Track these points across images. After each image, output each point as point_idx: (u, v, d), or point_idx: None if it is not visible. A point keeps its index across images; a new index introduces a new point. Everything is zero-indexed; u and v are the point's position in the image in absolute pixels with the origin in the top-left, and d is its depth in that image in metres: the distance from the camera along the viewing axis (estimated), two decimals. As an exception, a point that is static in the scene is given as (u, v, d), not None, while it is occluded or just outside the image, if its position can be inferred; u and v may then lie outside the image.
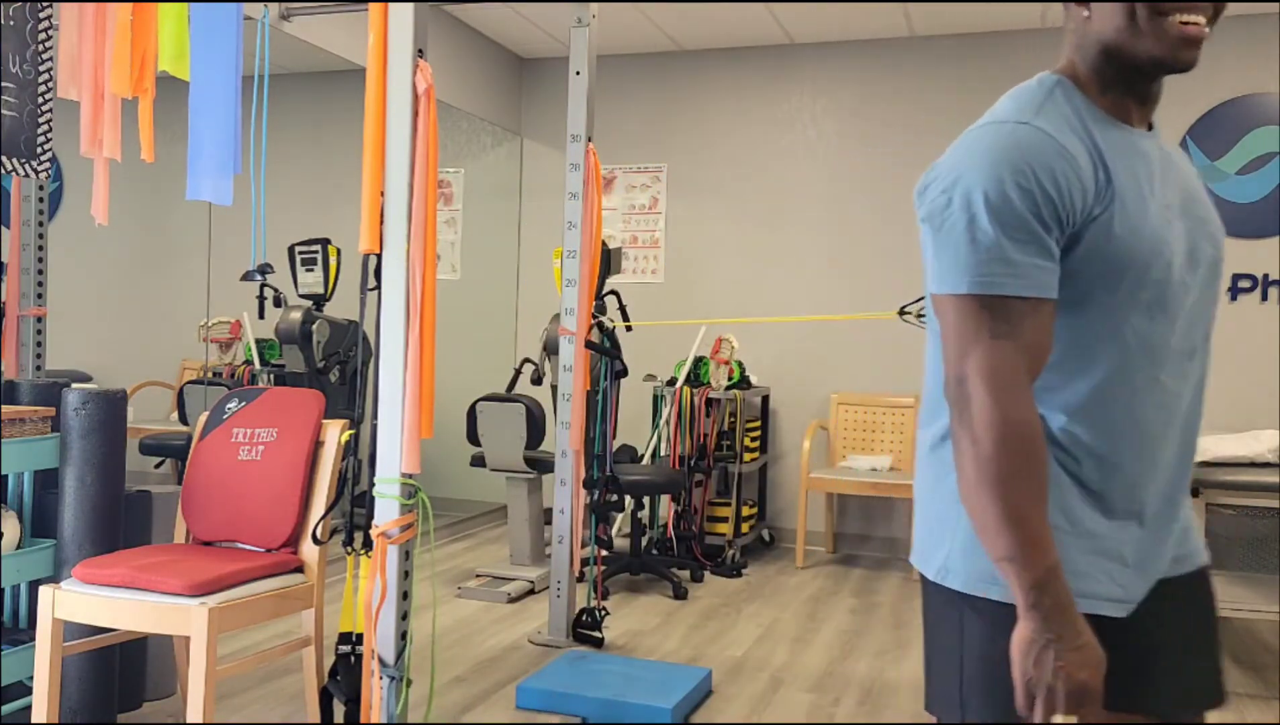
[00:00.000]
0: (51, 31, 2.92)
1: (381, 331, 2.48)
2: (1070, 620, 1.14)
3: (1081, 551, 1.24)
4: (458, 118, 5.99)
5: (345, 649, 2.53)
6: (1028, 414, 1.16)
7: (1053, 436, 1.25)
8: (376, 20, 2.46)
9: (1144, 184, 1.23)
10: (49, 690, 2.45)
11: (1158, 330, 1.23)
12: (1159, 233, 1.22)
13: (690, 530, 5.19)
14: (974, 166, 1.19)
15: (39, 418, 2.79)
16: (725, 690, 3.39)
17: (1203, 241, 1.29)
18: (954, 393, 1.19)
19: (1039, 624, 1.14)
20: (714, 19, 5.42)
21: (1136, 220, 1.20)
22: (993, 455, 1.15)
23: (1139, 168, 1.23)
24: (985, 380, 1.16)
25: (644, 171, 6.09)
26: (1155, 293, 1.21)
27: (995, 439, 1.15)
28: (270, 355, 5.09)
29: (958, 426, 1.19)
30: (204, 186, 2.75)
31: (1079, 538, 1.23)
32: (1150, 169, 1.25)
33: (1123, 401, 1.23)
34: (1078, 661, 1.13)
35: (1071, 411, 1.24)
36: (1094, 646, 1.15)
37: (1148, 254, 1.20)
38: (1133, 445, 1.24)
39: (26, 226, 3.66)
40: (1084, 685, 1.13)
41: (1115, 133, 1.25)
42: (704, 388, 5.24)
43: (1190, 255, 1.26)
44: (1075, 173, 1.18)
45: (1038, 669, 1.14)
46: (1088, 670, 1.13)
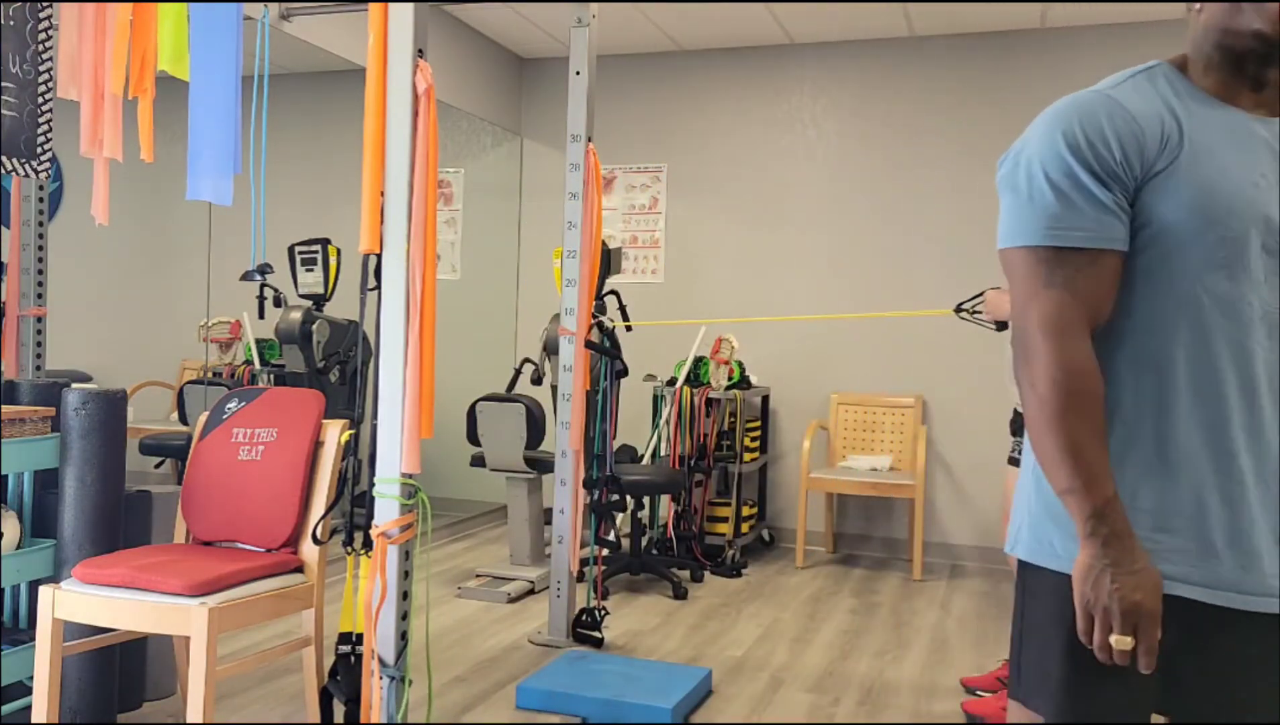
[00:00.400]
0: (51, 31, 2.92)
1: (381, 331, 2.48)
2: (1127, 547, 1.20)
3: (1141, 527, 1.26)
4: (458, 118, 5.99)
5: (345, 649, 2.53)
6: (1081, 357, 1.23)
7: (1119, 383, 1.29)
8: (376, 20, 2.46)
9: (1232, 154, 1.26)
10: (49, 690, 2.45)
11: (1238, 290, 1.24)
12: (1242, 195, 1.24)
13: (690, 530, 5.19)
14: (1037, 131, 1.30)
15: (39, 418, 2.79)
16: (725, 690, 3.39)
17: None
18: (1019, 343, 1.28)
19: (1097, 550, 1.20)
20: (714, 19, 5.42)
21: (1212, 179, 1.24)
22: (1048, 396, 1.23)
23: (1232, 140, 1.27)
24: (1042, 328, 1.24)
25: (644, 171, 6.09)
26: (1232, 251, 1.23)
27: (1050, 380, 1.23)
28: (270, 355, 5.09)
29: (1021, 373, 1.27)
30: (204, 186, 2.75)
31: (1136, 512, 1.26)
32: (1250, 144, 1.27)
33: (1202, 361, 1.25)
34: (1132, 584, 1.18)
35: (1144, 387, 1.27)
36: (1150, 572, 1.20)
37: (1222, 212, 1.23)
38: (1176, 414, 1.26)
39: (26, 226, 3.66)
40: (1138, 605, 1.18)
41: (1212, 110, 1.29)
42: (704, 388, 5.24)
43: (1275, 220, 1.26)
44: (1131, 129, 1.25)
45: (1095, 592, 1.20)
46: (1142, 592, 1.18)
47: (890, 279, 5.63)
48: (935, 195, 5.56)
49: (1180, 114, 1.28)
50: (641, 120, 6.11)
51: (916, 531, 5.17)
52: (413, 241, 2.44)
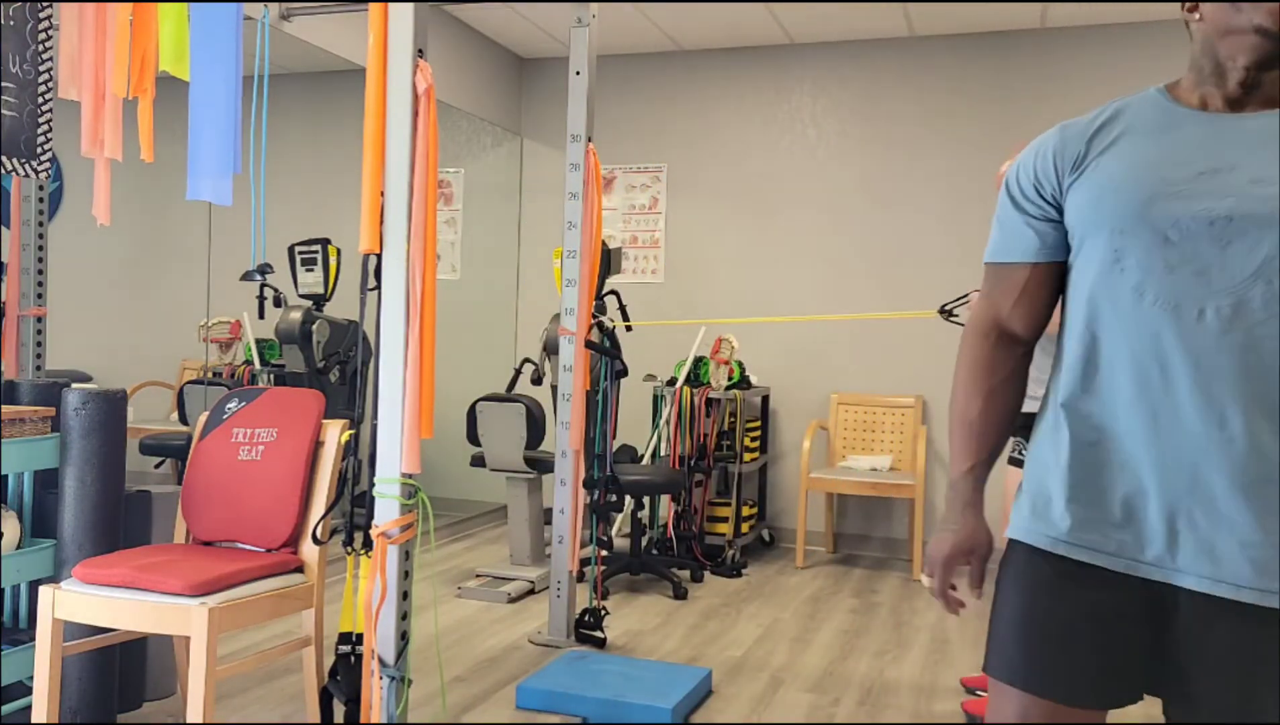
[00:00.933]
0: (51, 31, 2.92)
1: (381, 331, 2.48)
2: (954, 512, 1.46)
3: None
4: (458, 118, 5.99)
5: (345, 649, 2.53)
6: (976, 354, 1.47)
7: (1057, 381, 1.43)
8: (376, 20, 2.46)
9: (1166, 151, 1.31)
10: (49, 690, 2.45)
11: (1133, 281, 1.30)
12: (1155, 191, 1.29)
13: (690, 530, 5.19)
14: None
15: (39, 418, 2.79)
16: (725, 690, 3.39)
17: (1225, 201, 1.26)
18: None
19: (945, 513, 1.49)
20: (714, 19, 5.42)
21: (1122, 179, 1.32)
22: (953, 385, 1.51)
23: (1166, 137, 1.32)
24: (965, 329, 1.51)
25: (644, 171, 6.09)
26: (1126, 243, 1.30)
27: (956, 372, 1.50)
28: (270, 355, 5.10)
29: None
30: (204, 186, 2.75)
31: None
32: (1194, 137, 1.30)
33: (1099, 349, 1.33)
34: (937, 538, 1.48)
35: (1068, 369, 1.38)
36: (952, 533, 1.45)
37: (1122, 209, 1.30)
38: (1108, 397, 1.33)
39: (26, 226, 3.66)
40: (930, 554, 1.48)
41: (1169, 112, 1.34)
42: (704, 388, 5.24)
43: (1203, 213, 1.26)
44: (1057, 150, 1.39)
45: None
46: (936, 543, 1.47)
47: (890, 278, 5.63)
48: (935, 195, 5.56)
49: (1119, 126, 1.36)
50: (641, 120, 6.11)
51: (916, 531, 5.17)
52: (413, 241, 2.44)
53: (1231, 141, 1.28)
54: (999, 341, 1.46)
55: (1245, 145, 1.27)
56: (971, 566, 1.45)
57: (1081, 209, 1.34)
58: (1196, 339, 1.24)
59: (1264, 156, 1.26)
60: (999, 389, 1.46)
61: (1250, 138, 1.28)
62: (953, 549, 1.44)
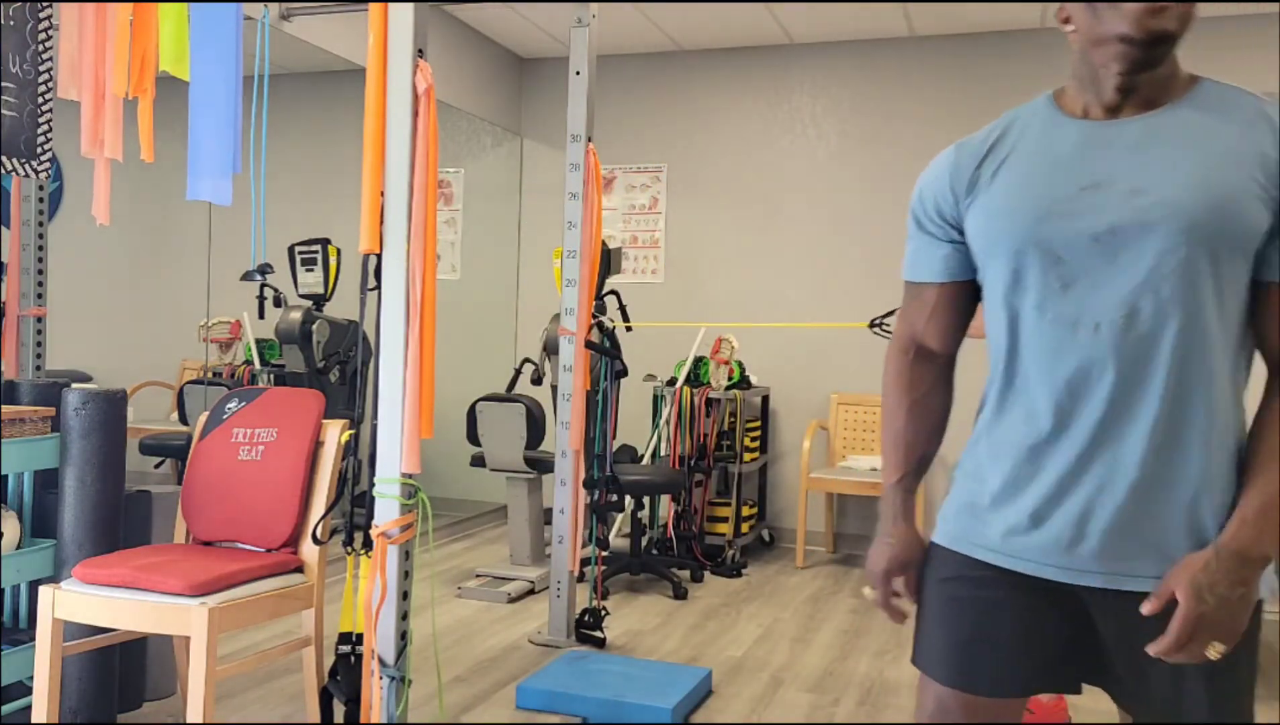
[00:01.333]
0: (51, 31, 2.92)
1: (381, 331, 2.48)
2: (887, 523, 1.51)
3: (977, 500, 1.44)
4: (458, 118, 5.99)
5: (345, 649, 2.53)
6: (896, 370, 1.52)
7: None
8: (376, 20, 2.46)
9: (1048, 171, 1.32)
10: (49, 690, 2.45)
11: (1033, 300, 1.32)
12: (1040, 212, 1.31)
13: (690, 530, 5.19)
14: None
15: (39, 418, 2.79)
16: (725, 690, 3.39)
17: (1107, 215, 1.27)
18: None
19: (879, 524, 1.52)
20: (714, 19, 5.42)
21: (1009, 202, 1.34)
22: (881, 401, 1.56)
23: (1058, 157, 1.32)
24: (889, 346, 1.56)
25: (644, 171, 6.09)
26: (1023, 264, 1.32)
27: (882, 388, 1.56)
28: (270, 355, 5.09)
29: None
30: (204, 186, 2.75)
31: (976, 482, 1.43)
32: (1075, 151, 1.31)
33: (1010, 367, 1.37)
34: (872, 551, 1.52)
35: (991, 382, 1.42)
36: (889, 546, 1.49)
37: (1014, 231, 1.32)
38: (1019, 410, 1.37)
39: (26, 226, 3.66)
40: (869, 567, 1.52)
41: (1053, 130, 1.35)
42: (704, 388, 5.24)
43: (1087, 228, 1.28)
44: (952, 174, 1.42)
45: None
46: (873, 556, 1.51)
47: (890, 278, 5.63)
48: (935, 195, 5.56)
49: (1007, 145, 1.38)
50: (641, 120, 6.11)
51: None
52: (413, 241, 2.44)
53: (1112, 150, 1.29)
54: (917, 357, 1.51)
55: (1124, 153, 1.29)
56: (908, 575, 1.49)
57: (978, 233, 1.37)
58: (1096, 351, 1.27)
59: (1141, 162, 1.27)
60: (921, 402, 1.51)
61: (1129, 144, 1.29)
62: (889, 562, 1.48)
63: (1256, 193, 1.23)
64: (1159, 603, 1.24)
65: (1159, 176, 1.26)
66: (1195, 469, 1.27)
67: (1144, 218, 1.25)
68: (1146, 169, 1.27)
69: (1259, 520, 1.23)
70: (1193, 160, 1.25)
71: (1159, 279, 1.24)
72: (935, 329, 1.49)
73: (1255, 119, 1.27)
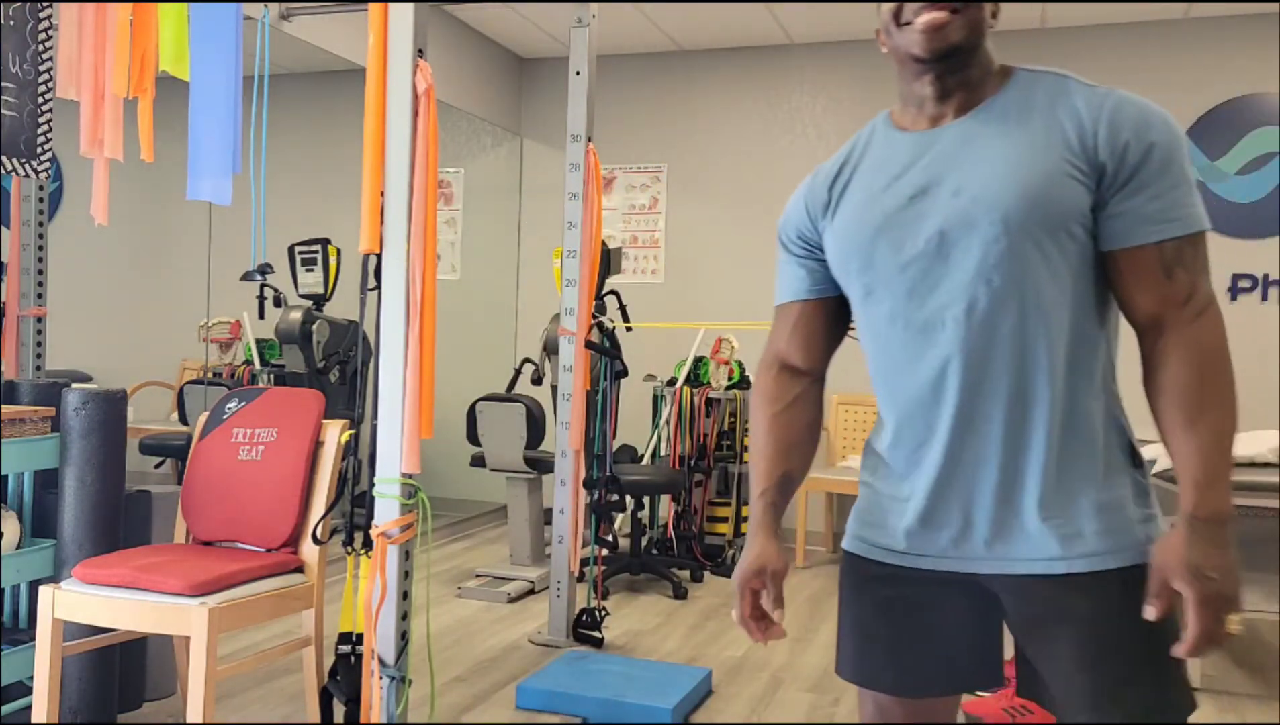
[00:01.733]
0: (51, 31, 2.92)
1: (381, 331, 2.48)
2: (751, 535, 1.49)
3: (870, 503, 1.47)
4: (458, 118, 5.99)
5: (345, 649, 2.53)
6: (762, 385, 1.54)
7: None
8: (376, 20, 2.46)
9: (880, 184, 1.38)
10: (49, 690, 2.45)
11: (886, 310, 1.37)
12: (878, 226, 1.36)
13: (690, 530, 5.19)
14: None
15: (39, 418, 2.79)
16: (725, 690, 3.39)
17: (935, 218, 1.31)
18: None
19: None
20: (714, 19, 5.42)
21: (847, 221, 1.40)
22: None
23: (888, 169, 1.38)
24: (757, 364, 1.58)
25: (644, 171, 6.09)
26: (872, 278, 1.37)
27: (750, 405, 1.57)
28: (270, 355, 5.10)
29: None
30: (204, 186, 2.75)
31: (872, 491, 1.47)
32: (906, 163, 1.36)
33: (877, 376, 1.41)
34: (739, 565, 1.48)
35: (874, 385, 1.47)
36: (749, 559, 1.46)
37: (859, 247, 1.38)
38: (889, 414, 1.40)
39: (26, 226, 3.66)
40: (734, 581, 1.49)
41: (885, 146, 1.40)
42: (704, 388, 5.24)
43: (920, 234, 1.33)
44: (805, 201, 1.48)
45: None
46: (737, 571, 1.47)
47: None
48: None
49: (851, 165, 1.43)
50: (641, 120, 6.11)
51: (916, 531, 5.16)
52: (413, 241, 2.44)
53: (936, 156, 1.34)
54: (780, 373, 1.54)
55: (946, 157, 1.33)
56: (768, 587, 1.46)
57: (832, 254, 1.42)
58: (948, 349, 1.31)
59: (960, 163, 1.32)
60: (782, 417, 1.52)
61: (949, 148, 1.33)
62: (744, 573, 1.46)
63: (1068, 171, 1.26)
64: (1162, 602, 1.23)
65: (975, 174, 1.30)
66: (1048, 446, 1.30)
67: (965, 216, 1.29)
68: (965, 168, 1.31)
69: (1211, 484, 1.23)
70: (1005, 152, 1.29)
71: (988, 270, 1.28)
72: (798, 345, 1.52)
73: (1057, 97, 1.30)
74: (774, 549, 1.46)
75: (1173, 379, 1.27)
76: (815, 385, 1.55)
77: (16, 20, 2.83)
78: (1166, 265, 1.27)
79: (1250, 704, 3.39)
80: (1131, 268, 1.29)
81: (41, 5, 2.89)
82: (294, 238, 5.06)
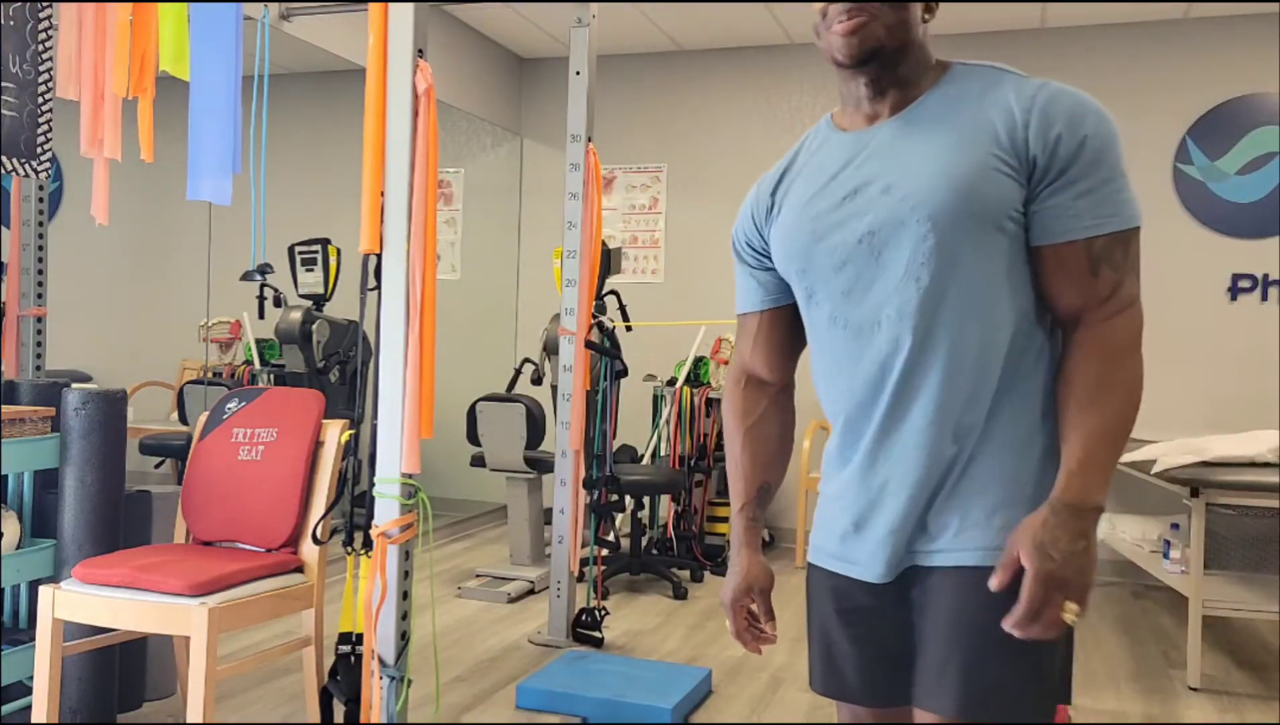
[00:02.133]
0: (51, 31, 2.92)
1: (381, 331, 2.48)
2: (733, 552, 1.50)
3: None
4: (458, 118, 5.99)
5: (345, 649, 2.53)
6: (732, 399, 1.54)
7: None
8: (376, 20, 2.46)
9: (822, 185, 1.37)
10: (49, 690, 2.45)
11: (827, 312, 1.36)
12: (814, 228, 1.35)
13: (690, 530, 5.19)
14: None
15: (39, 418, 2.79)
16: (725, 690, 3.39)
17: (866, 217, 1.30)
18: None
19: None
20: (714, 19, 5.42)
21: (786, 225, 1.39)
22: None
23: (824, 170, 1.37)
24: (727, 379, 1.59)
25: (644, 171, 6.09)
26: (811, 280, 1.37)
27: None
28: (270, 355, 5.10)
29: None
30: (204, 186, 2.75)
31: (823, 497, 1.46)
32: (842, 163, 1.35)
33: (821, 379, 1.40)
34: (724, 583, 1.50)
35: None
36: (732, 575, 1.48)
37: (798, 250, 1.37)
38: (836, 418, 1.39)
39: (26, 226, 3.66)
40: (721, 599, 1.50)
41: (828, 142, 1.39)
42: (704, 388, 5.24)
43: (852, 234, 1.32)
44: (751, 209, 1.48)
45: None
46: (723, 591, 1.49)
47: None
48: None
49: (796, 163, 1.43)
50: (641, 120, 6.11)
51: (916, 531, 5.15)
52: (413, 241, 2.44)
53: (870, 155, 1.33)
54: (748, 386, 1.54)
55: (879, 155, 1.32)
56: (757, 603, 1.47)
57: (777, 259, 1.42)
58: (885, 349, 1.30)
59: (891, 161, 1.30)
60: (755, 430, 1.51)
61: (882, 147, 1.32)
62: (734, 593, 1.47)
63: (996, 166, 1.24)
64: (1006, 573, 1.21)
65: (905, 171, 1.28)
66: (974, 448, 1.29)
67: (895, 213, 1.28)
68: (895, 166, 1.30)
69: (1084, 471, 1.21)
70: (934, 149, 1.27)
71: (918, 269, 1.27)
72: (761, 356, 1.51)
73: (990, 91, 1.28)
74: (759, 566, 1.47)
75: (1075, 371, 1.25)
76: (783, 393, 1.54)
77: (16, 20, 2.83)
78: (1093, 262, 1.25)
79: (1250, 704, 3.39)
80: (1059, 263, 1.26)
81: (41, 5, 2.89)
82: (294, 238, 5.06)
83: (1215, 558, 4.15)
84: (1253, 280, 5.11)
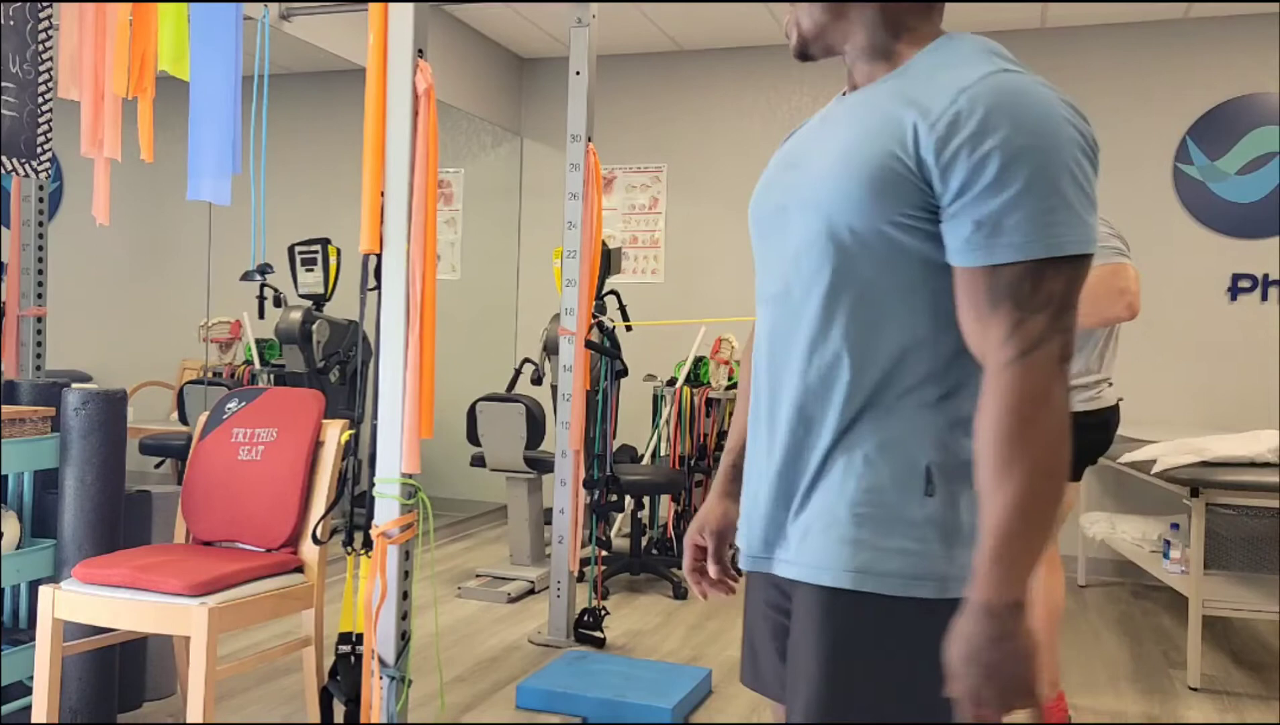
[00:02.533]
0: (51, 31, 2.92)
1: (381, 331, 2.48)
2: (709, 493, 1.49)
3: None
4: (458, 118, 5.99)
5: (345, 649, 2.53)
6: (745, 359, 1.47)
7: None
8: (376, 20, 2.46)
9: (784, 153, 1.32)
10: (49, 690, 2.45)
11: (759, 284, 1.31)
12: (758, 196, 1.32)
13: (690, 530, 5.18)
14: None
15: (39, 418, 2.79)
16: (725, 690, 3.39)
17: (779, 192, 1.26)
18: None
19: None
20: (714, 19, 5.42)
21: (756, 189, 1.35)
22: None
23: (795, 137, 1.34)
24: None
25: (644, 171, 6.09)
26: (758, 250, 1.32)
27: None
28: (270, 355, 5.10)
29: None
30: (204, 186, 2.75)
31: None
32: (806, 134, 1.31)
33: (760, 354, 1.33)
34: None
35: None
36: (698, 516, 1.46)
37: (751, 217, 1.33)
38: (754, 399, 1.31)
39: (26, 226, 3.66)
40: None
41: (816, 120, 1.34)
42: (704, 388, 5.24)
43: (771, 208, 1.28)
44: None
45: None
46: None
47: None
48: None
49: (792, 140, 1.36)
50: (641, 120, 6.11)
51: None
52: (413, 241, 2.44)
53: (808, 133, 1.29)
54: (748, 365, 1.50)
55: (816, 132, 1.27)
56: (709, 543, 1.44)
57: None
58: (768, 325, 1.26)
59: (816, 141, 1.24)
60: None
61: (825, 123, 1.26)
62: (690, 529, 1.46)
63: (894, 166, 1.11)
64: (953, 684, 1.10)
65: (817, 154, 1.21)
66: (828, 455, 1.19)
67: (795, 195, 1.22)
68: (816, 146, 1.23)
69: (996, 564, 1.05)
70: (846, 136, 1.18)
71: (800, 255, 1.20)
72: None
73: (935, 73, 1.16)
74: (720, 509, 1.44)
75: (979, 426, 1.09)
76: None
77: (16, 20, 2.83)
78: (993, 295, 1.08)
79: (1250, 704, 3.39)
80: (962, 289, 1.11)
81: (41, 5, 2.89)
82: (294, 238, 5.06)
83: (1215, 558, 4.15)
84: (1253, 280, 5.11)
